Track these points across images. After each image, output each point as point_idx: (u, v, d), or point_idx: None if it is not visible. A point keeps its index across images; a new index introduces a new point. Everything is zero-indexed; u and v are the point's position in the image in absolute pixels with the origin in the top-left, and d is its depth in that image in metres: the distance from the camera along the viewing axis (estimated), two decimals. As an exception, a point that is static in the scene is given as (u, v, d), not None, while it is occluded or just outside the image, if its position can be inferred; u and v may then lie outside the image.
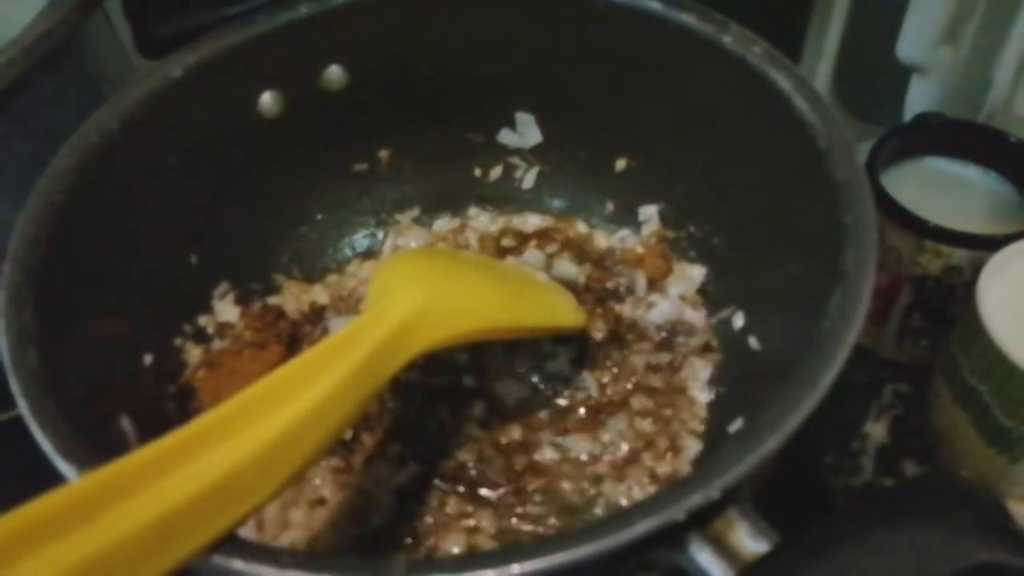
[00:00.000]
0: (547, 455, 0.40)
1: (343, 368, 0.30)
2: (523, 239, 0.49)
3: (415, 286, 0.35)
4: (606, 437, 0.41)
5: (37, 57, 0.36)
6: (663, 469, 0.39)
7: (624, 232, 0.48)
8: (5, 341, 0.30)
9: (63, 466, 0.27)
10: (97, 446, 0.29)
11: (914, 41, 0.52)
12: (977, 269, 0.42)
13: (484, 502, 0.38)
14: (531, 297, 0.42)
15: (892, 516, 0.23)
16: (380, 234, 0.50)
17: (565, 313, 0.42)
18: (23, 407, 0.28)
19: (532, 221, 0.50)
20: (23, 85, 0.36)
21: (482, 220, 0.50)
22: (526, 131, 0.48)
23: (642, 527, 0.24)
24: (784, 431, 0.26)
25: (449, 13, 0.44)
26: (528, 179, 0.50)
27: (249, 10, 0.42)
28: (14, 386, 0.29)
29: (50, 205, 0.34)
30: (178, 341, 0.42)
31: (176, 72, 0.39)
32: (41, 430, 0.28)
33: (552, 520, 0.38)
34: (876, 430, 0.49)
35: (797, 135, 0.35)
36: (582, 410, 0.42)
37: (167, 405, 0.40)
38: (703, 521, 0.25)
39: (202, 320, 0.44)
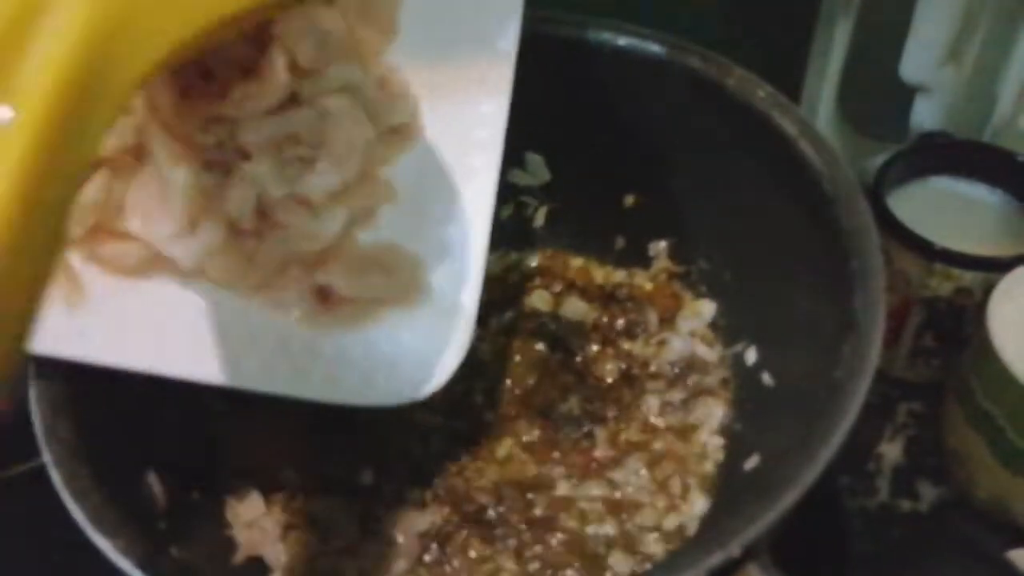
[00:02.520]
0: (564, 497, 0.40)
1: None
2: (527, 277, 0.49)
3: None
4: (621, 478, 0.41)
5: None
6: (680, 508, 0.39)
7: (633, 268, 0.49)
8: (38, 412, 0.31)
9: (98, 539, 0.28)
10: (126, 508, 0.30)
11: (917, 61, 0.52)
12: (988, 290, 0.42)
13: (506, 546, 0.39)
14: None
15: (912, 569, 0.23)
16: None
17: None
18: (56, 478, 0.29)
19: (531, 262, 0.50)
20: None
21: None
22: (536, 170, 0.49)
23: (665, 588, 0.24)
24: (801, 485, 0.26)
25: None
26: (539, 217, 0.50)
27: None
28: (47, 457, 0.29)
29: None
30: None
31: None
32: (75, 502, 0.28)
33: (574, 563, 0.38)
34: (891, 450, 0.49)
35: (802, 179, 0.35)
36: (596, 452, 0.42)
37: (192, 456, 0.41)
38: (724, 577, 0.26)
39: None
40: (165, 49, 0.20)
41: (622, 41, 0.41)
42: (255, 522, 0.38)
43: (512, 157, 0.49)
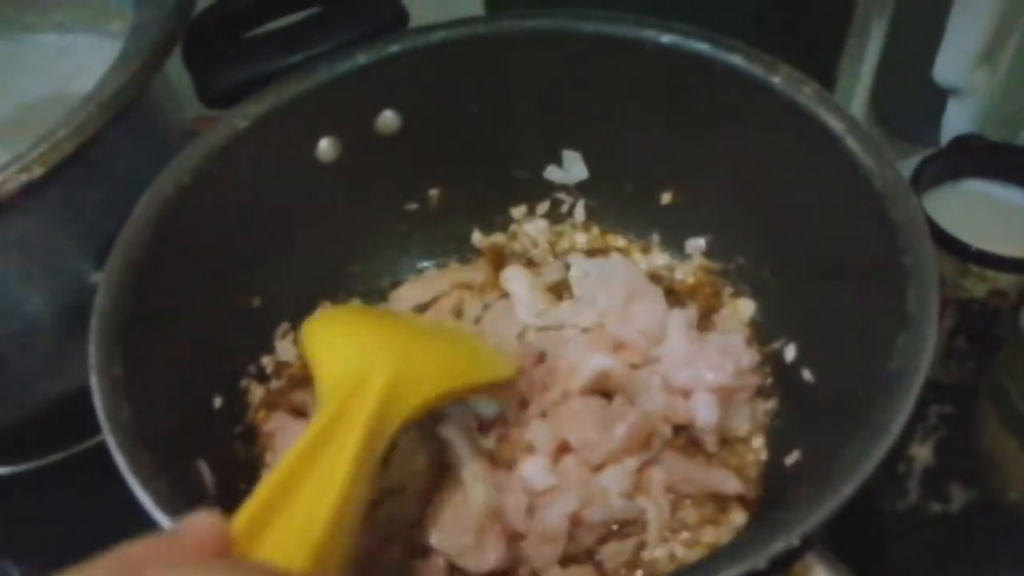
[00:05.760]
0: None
1: (352, 443, 0.30)
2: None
3: (383, 353, 0.35)
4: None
5: (114, 110, 0.38)
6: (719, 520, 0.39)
7: (673, 263, 0.49)
8: (100, 398, 0.31)
9: (164, 521, 0.28)
10: (184, 494, 0.30)
11: (952, 64, 0.52)
12: (1022, 292, 0.42)
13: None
14: (478, 354, 0.41)
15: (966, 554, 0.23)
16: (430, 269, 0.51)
17: (504, 365, 0.41)
18: (121, 463, 0.29)
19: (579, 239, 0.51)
20: (99, 136, 0.38)
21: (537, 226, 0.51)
22: (572, 167, 0.49)
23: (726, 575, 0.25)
24: (860, 476, 0.26)
25: (496, 58, 0.45)
26: (577, 213, 0.51)
27: (307, 59, 0.43)
28: (111, 442, 0.30)
29: (130, 260, 0.36)
30: (244, 382, 0.44)
31: (242, 123, 0.41)
32: (142, 487, 0.29)
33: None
34: (922, 452, 0.48)
35: (850, 176, 0.35)
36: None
37: (235, 446, 0.41)
38: (783, 566, 0.26)
39: (264, 360, 0.45)
40: (418, 409, 0.34)
41: (665, 39, 0.41)
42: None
43: (549, 154, 0.49)
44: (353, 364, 0.34)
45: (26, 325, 0.42)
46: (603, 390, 0.41)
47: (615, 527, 0.38)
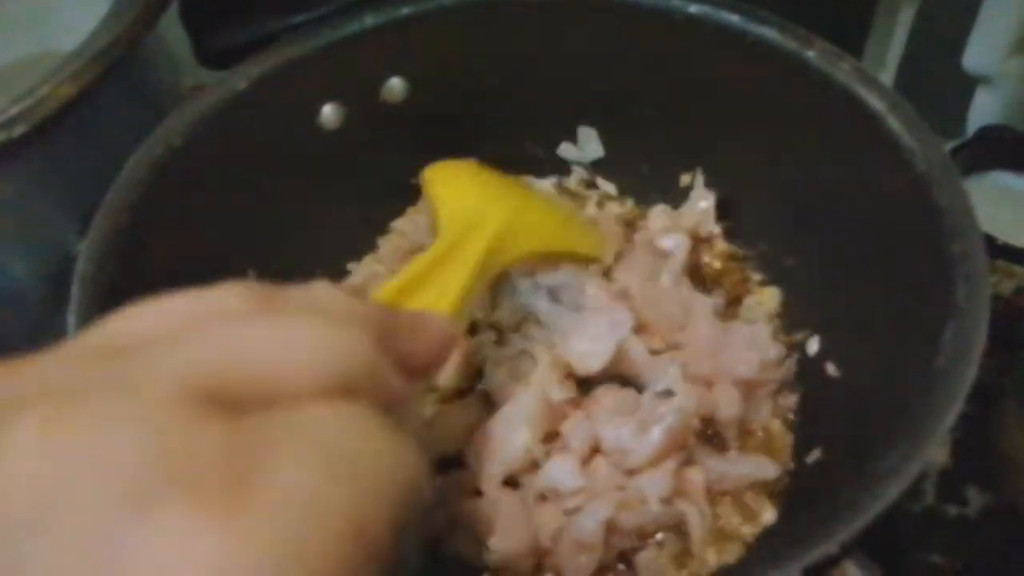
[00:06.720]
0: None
1: (472, 262, 0.34)
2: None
3: (499, 201, 0.40)
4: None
5: (102, 67, 0.35)
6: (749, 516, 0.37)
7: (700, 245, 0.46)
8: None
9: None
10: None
11: (982, 52, 0.50)
12: (1052, 290, 0.40)
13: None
14: (577, 227, 0.45)
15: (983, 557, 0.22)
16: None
17: (598, 243, 0.44)
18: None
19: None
20: (86, 94, 0.35)
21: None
22: (587, 145, 0.47)
23: (762, 582, 0.23)
24: (905, 479, 0.24)
25: (514, 25, 0.43)
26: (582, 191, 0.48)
27: (311, 20, 0.41)
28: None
29: (116, 224, 0.33)
30: (236, 359, 0.41)
31: (241, 84, 0.38)
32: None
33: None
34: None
35: (891, 157, 0.33)
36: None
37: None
38: (820, 573, 0.24)
39: (258, 337, 0.43)
40: (520, 258, 0.39)
41: (694, 9, 0.39)
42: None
43: (563, 130, 0.47)
44: (472, 204, 0.39)
45: (5, 295, 0.40)
46: (619, 374, 0.39)
47: (651, 532, 0.36)
